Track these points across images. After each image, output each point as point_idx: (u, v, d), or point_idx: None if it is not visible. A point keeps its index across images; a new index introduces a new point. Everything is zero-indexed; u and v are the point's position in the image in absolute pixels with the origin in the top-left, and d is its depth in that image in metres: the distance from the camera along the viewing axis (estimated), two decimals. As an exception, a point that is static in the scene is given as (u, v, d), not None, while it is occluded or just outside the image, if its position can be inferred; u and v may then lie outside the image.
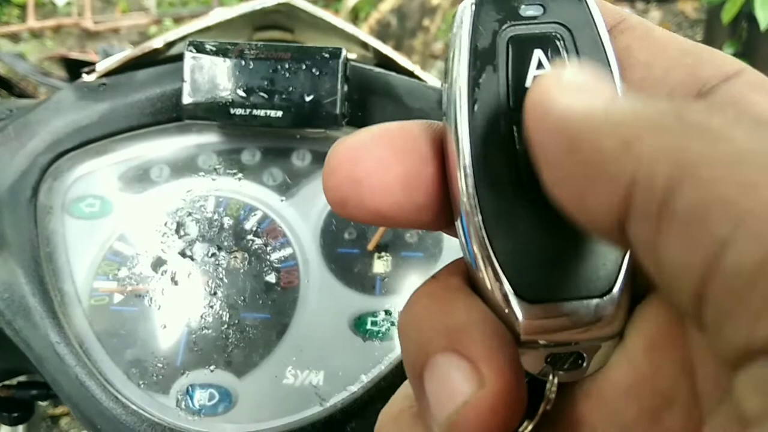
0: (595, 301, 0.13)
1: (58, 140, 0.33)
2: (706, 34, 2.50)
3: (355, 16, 2.91)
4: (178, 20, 2.99)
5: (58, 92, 0.35)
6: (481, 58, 0.15)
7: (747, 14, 2.15)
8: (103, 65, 0.39)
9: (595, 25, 0.15)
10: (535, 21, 0.15)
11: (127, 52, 0.40)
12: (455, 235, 0.15)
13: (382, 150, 0.15)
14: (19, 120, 0.34)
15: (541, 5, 0.15)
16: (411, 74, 0.40)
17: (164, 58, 0.37)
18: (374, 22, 2.51)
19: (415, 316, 0.15)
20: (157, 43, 0.36)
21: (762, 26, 2.14)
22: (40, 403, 0.42)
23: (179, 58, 0.35)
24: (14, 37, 2.95)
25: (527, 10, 0.15)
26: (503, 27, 0.15)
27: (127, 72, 0.37)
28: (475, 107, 0.14)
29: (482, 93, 0.14)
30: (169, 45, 0.37)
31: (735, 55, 2.28)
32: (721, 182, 0.10)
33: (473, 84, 0.14)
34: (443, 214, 0.15)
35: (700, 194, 0.10)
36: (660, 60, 0.15)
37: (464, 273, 0.15)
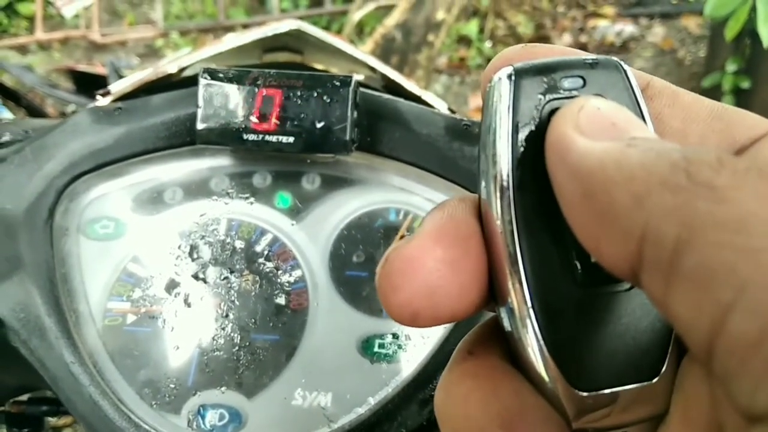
0: (644, 384, 0.14)
1: (74, 163, 0.34)
2: (709, 51, 2.52)
3: (360, 31, 2.93)
4: (184, 33, 3.02)
5: (75, 115, 0.36)
6: (523, 136, 0.14)
7: (750, 31, 2.16)
8: (117, 87, 0.40)
9: (635, 96, 0.15)
10: (576, 94, 0.14)
11: (140, 75, 0.41)
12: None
13: (444, 251, 0.14)
14: (37, 142, 0.35)
15: (580, 77, 0.14)
16: (417, 98, 0.41)
17: (177, 81, 0.38)
18: (379, 36, 2.53)
19: (461, 400, 0.14)
20: (171, 68, 0.37)
21: (765, 43, 2.15)
22: (50, 419, 0.43)
23: (191, 80, 0.35)
24: (22, 49, 2.98)
25: (566, 83, 0.14)
26: (544, 101, 0.14)
27: (140, 95, 0.38)
28: (521, 190, 0.14)
29: (526, 174, 0.14)
30: (183, 70, 0.38)
31: (737, 72, 2.29)
32: (726, 247, 0.10)
33: (517, 165, 0.14)
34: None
35: (705, 257, 0.10)
36: (693, 126, 0.15)
37: (501, 347, 0.15)
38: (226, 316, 0.32)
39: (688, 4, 3.14)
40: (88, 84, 2.25)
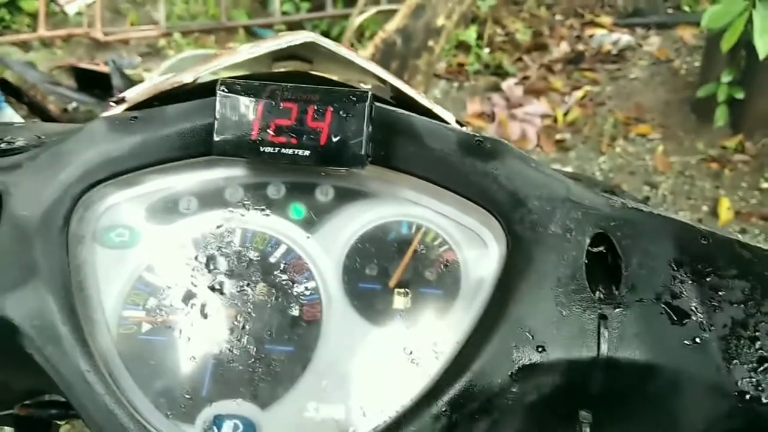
0: None
1: (90, 171, 0.34)
2: (705, 61, 2.53)
3: (360, 35, 2.93)
4: (186, 34, 3.02)
5: (91, 123, 0.36)
6: None
7: (746, 42, 2.17)
8: (131, 94, 0.40)
9: None
10: None
11: (154, 81, 0.41)
12: None
13: None
14: (52, 149, 0.35)
15: None
16: (428, 111, 0.41)
17: (190, 90, 0.38)
18: (380, 41, 2.53)
19: None
20: (186, 78, 0.37)
21: (761, 55, 2.16)
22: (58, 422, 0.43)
23: (205, 89, 0.36)
24: (24, 46, 2.97)
25: None
26: None
27: (154, 104, 0.38)
28: None
29: None
30: (197, 80, 0.38)
31: (732, 82, 2.30)
32: None
33: None
34: None
35: None
36: None
37: None
38: (242, 327, 0.33)
39: (684, 14, 3.16)
40: (90, 82, 2.25)
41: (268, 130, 0.34)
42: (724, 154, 2.43)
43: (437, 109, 0.42)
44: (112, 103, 0.41)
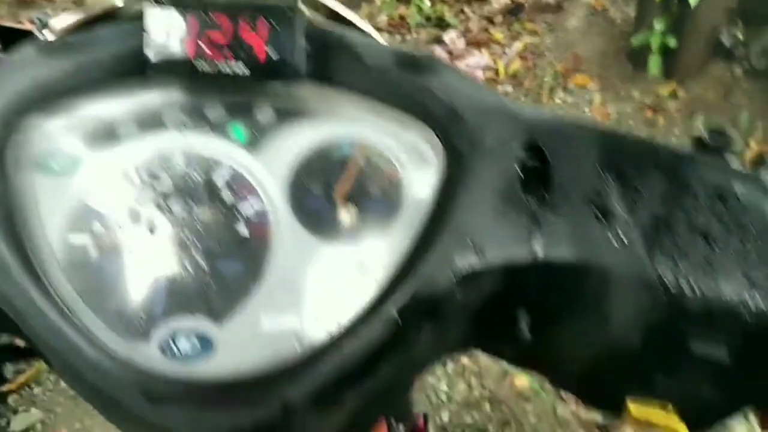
0: None
1: (22, 98, 0.33)
2: (639, 10, 2.58)
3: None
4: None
5: (20, 50, 0.35)
6: None
7: (678, -10, 2.22)
8: (60, 23, 0.39)
9: None
10: None
11: (85, 13, 0.40)
12: None
13: None
14: None
15: None
16: (361, 31, 0.41)
17: (124, 18, 0.38)
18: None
19: None
20: (118, 1, 0.37)
21: (692, 3, 2.22)
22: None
23: (138, 18, 0.35)
24: (-61, 7, 2.80)
25: None
26: None
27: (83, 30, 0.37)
28: None
29: None
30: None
31: (665, 31, 2.35)
32: None
33: None
34: None
35: None
36: None
37: None
38: (192, 246, 0.33)
39: (620, -37, 3.20)
40: (16, 41, 2.14)
41: (202, 46, 0.33)
42: (658, 102, 2.50)
43: (372, 31, 0.42)
44: (39, 33, 0.40)
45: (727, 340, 0.33)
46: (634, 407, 0.36)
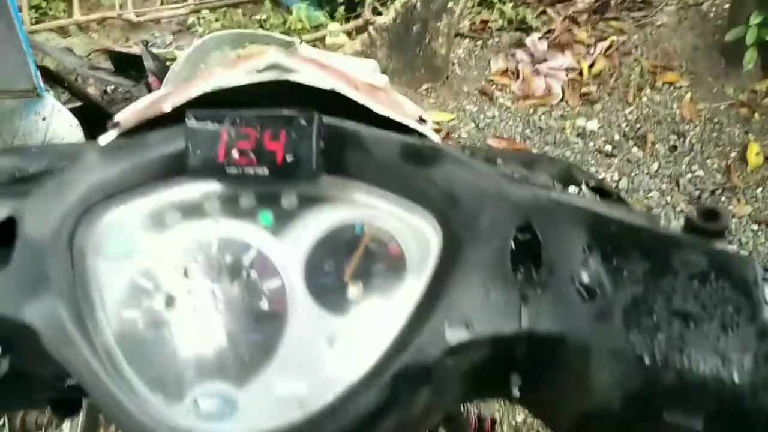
0: None
1: (87, 195, 0.41)
2: (734, 3, 2.46)
3: (383, 1, 2.92)
4: (214, 9, 3.07)
5: (87, 153, 0.42)
6: None
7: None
8: (123, 117, 0.47)
9: None
10: None
11: (141, 106, 0.48)
12: None
13: None
14: (56, 178, 0.41)
15: None
16: (386, 118, 0.46)
17: (172, 115, 0.44)
18: (399, 5, 2.53)
19: None
20: (166, 108, 0.43)
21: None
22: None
23: (182, 120, 0.41)
24: (62, 31, 3.07)
25: None
26: None
27: (142, 128, 0.44)
28: None
29: None
30: (176, 108, 0.44)
31: (761, 24, 2.22)
32: None
33: None
34: None
35: None
36: None
37: None
38: (221, 319, 0.39)
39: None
40: (126, 64, 2.34)
41: (232, 153, 0.39)
42: (753, 99, 2.38)
43: (393, 115, 0.47)
44: (109, 126, 0.47)
45: (701, 412, 0.35)
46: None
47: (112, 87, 2.31)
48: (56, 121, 1.27)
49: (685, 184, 2.22)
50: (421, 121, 0.52)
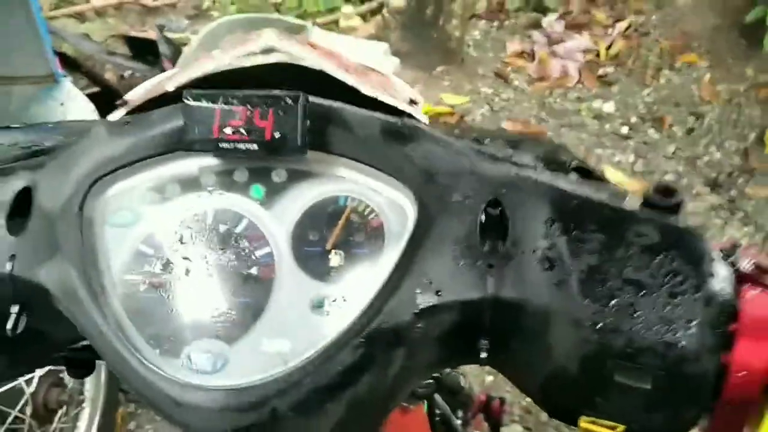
0: None
1: (95, 168, 0.44)
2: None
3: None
4: (228, -8, 3.10)
5: (94, 128, 0.46)
6: None
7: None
8: (132, 96, 0.51)
9: None
10: None
11: (148, 86, 0.51)
12: None
13: None
14: (67, 151, 0.45)
15: None
16: (374, 99, 0.49)
17: (175, 94, 0.48)
18: (415, -13, 2.54)
19: None
20: (169, 87, 0.47)
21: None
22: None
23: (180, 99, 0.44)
24: (80, 17, 3.13)
25: None
26: None
27: (147, 106, 0.48)
28: None
29: None
30: (179, 87, 0.47)
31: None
32: None
33: None
34: None
35: None
36: None
37: None
38: (214, 283, 0.43)
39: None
40: (142, 49, 2.39)
41: (225, 130, 0.43)
42: (774, 80, 2.36)
43: (381, 96, 0.50)
44: (117, 105, 0.51)
45: (649, 374, 0.38)
46: (585, 426, 0.42)
47: (129, 72, 2.36)
48: (73, 107, 1.32)
49: (702, 166, 2.22)
50: (413, 103, 0.55)
